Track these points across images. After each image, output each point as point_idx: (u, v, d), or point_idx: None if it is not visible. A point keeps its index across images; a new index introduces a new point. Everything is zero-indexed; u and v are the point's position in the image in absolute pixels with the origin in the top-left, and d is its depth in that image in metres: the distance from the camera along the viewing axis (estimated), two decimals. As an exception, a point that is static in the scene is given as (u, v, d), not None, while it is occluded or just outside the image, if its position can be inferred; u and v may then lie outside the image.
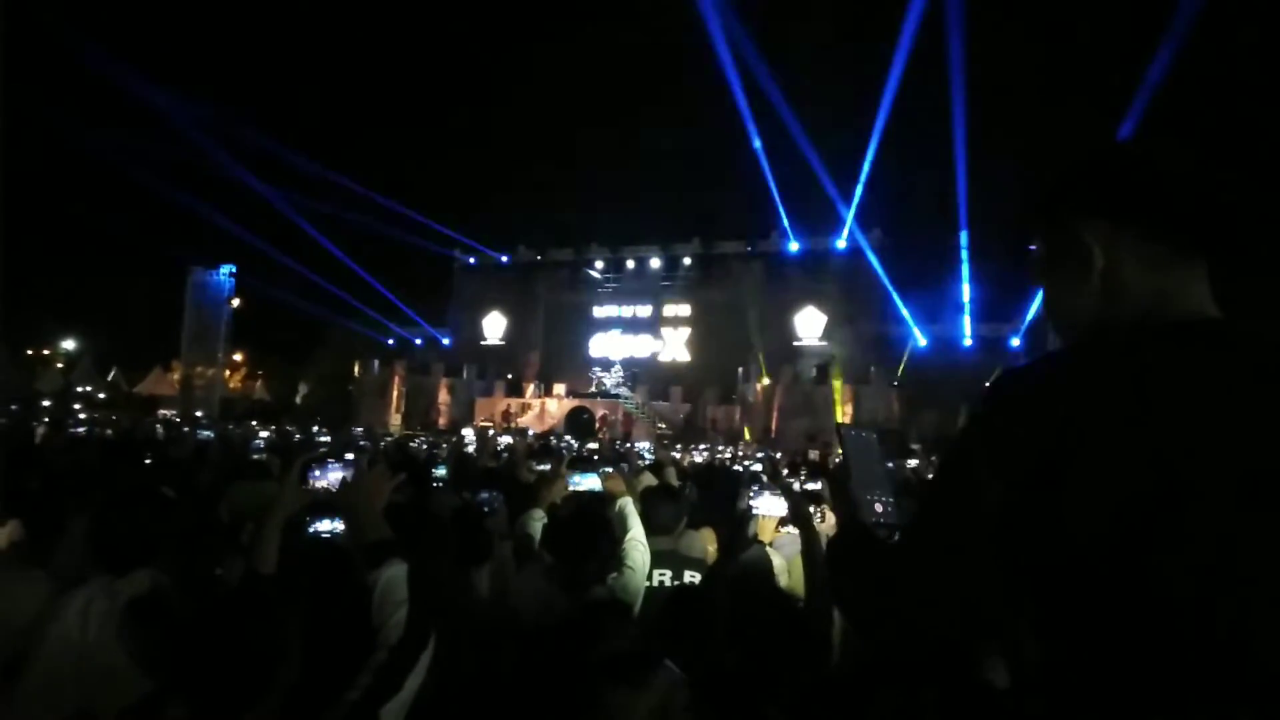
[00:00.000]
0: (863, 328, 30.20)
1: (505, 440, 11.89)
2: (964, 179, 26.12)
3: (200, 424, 15.16)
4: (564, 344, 35.32)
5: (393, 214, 34.19)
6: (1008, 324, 28.04)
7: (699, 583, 2.99)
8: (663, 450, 13.56)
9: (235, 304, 33.90)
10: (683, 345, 34.46)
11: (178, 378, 34.32)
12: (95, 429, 10.80)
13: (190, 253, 32.61)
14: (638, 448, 14.39)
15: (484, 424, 26.69)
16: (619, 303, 35.39)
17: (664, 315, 34.71)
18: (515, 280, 36.84)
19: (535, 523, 3.24)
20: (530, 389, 32.41)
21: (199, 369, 33.41)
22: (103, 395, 32.32)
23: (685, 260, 34.33)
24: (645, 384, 31.20)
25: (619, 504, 3.07)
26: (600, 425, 28.02)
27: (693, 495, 5.21)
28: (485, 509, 3.54)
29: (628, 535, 2.94)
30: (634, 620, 2.49)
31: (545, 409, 30.60)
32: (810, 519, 3.07)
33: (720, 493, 5.59)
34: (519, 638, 2.31)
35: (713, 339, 32.83)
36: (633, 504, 3.08)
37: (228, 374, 37.10)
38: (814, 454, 12.98)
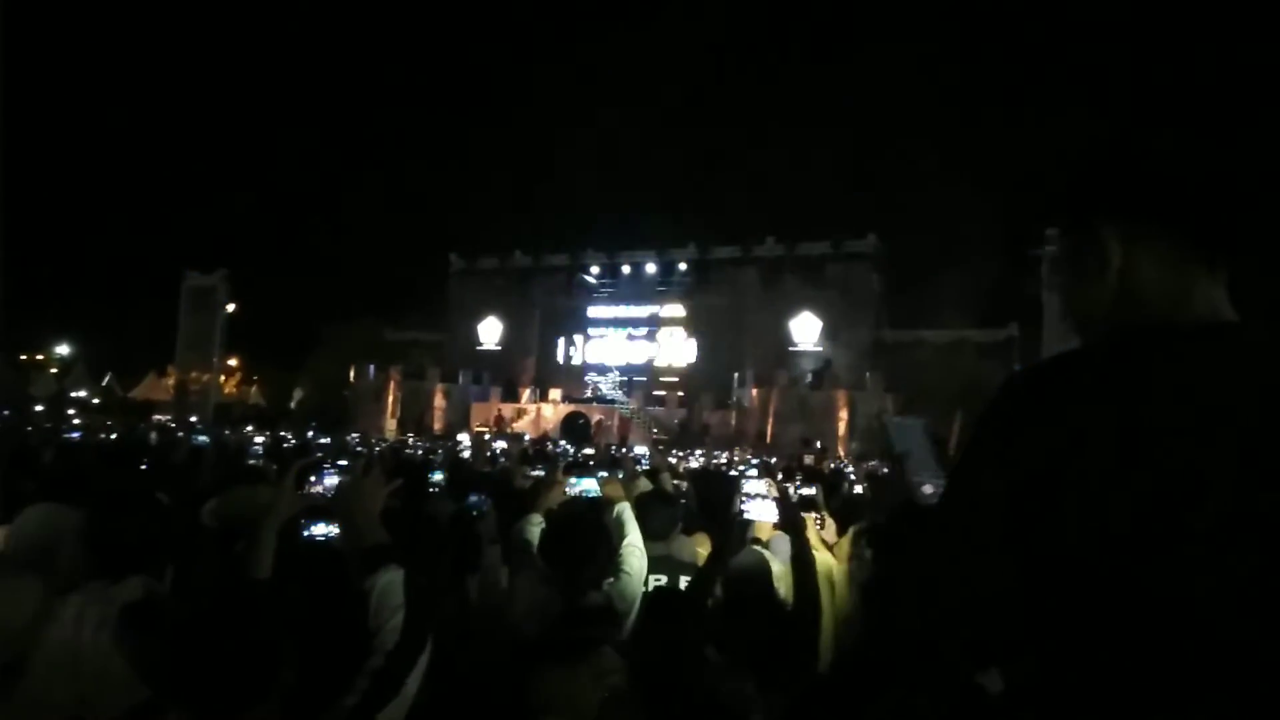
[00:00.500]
0: (859, 333, 30.26)
1: (501, 445, 11.85)
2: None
3: (195, 429, 15.10)
4: (560, 349, 35.30)
5: (389, 219, 34.20)
6: (1004, 328, 28.12)
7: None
8: (659, 455, 13.53)
9: (230, 309, 33.82)
10: (678, 350, 34.46)
11: (172, 383, 34.21)
12: (89, 435, 10.75)
13: (185, 257, 32.57)
14: (634, 453, 14.36)
15: (480, 429, 26.64)
16: (615, 308, 35.38)
17: (660, 320, 34.71)
18: (511, 285, 36.80)
19: (533, 528, 3.23)
20: (526, 394, 32.36)
21: (193, 374, 33.31)
22: (97, 400, 32.20)
23: (681, 265, 34.34)
24: (641, 389, 31.19)
25: (616, 509, 3.07)
26: (596, 430, 27.99)
27: (692, 500, 5.19)
28: (474, 513, 3.53)
29: (625, 541, 2.93)
30: (624, 626, 2.49)
31: (541, 414, 30.56)
32: (802, 525, 3.07)
33: (716, 497, 5.58)
34: (513, 644, 2.31)
35: (708, 344, 32.85)
36: (630, 509, 3.08)
37: (222, 379, 36.96)
38: (808, 459, 12.98)
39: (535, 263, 36.62)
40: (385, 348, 35.46)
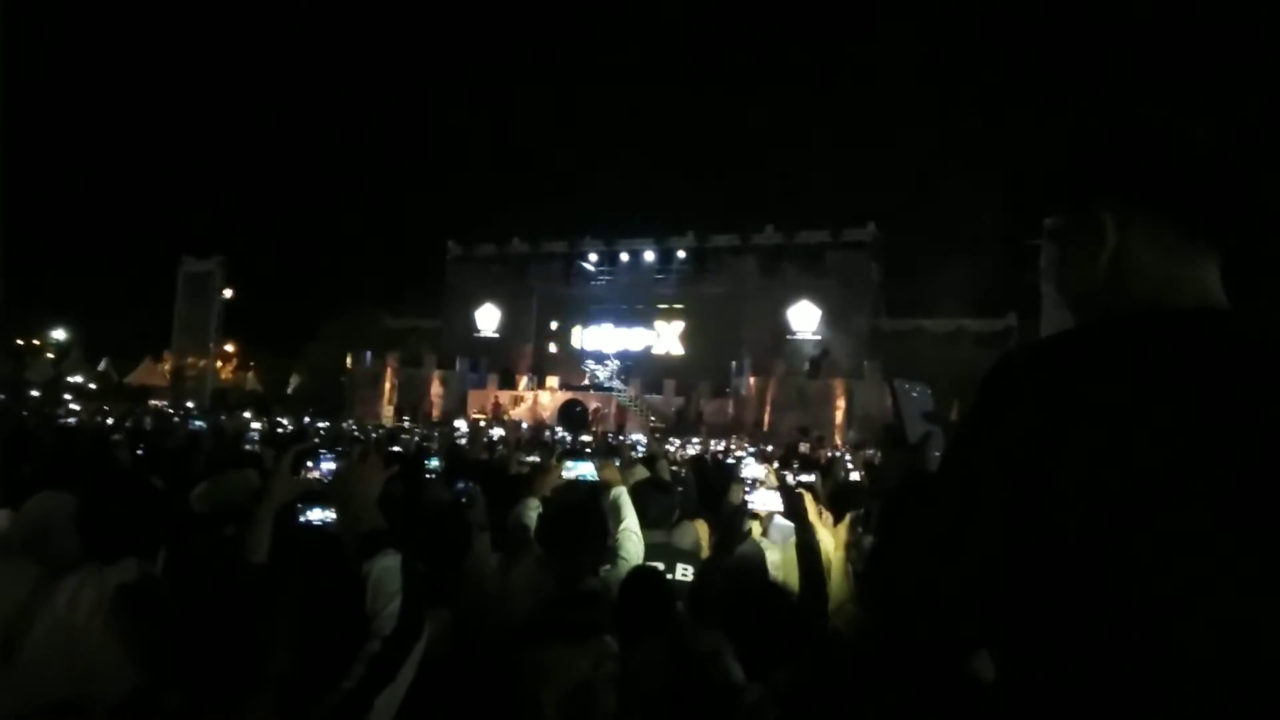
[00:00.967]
0: (857, 322, 30.27)
1: (498, 432, 11.87)
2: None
3: (192, 414, 15.11)
4: (557, 337, 35.26)
5: (387, 206, 34.10)
6: (1002, 318, 28.14)
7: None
8: (656, 443, 13.57)
9: (227, 294, 33.74)
10: (676, 338, 34.43)
11: (169, 368, 34.16)
12: (83, 418, 10.74)
13: (182, 243, 32.46)
14: (630, 440, 14.40)
15: (477, 416, 26.66)
16: (613, 295, 35.33)
17: (658, 308, 34.67)
18: (509, 272, 36.72)
19: (531, 512, 3.24)
20: (523, 381, 32.36)
21: (190, 360, 33.26)
22: (93, 385, 32.16)
23: (679, 253, 34.26)
24: (638, 377, 31.18)
25: (613, 494, 3.07)
26: (593, 418, 28.01)
27: (691, 487, 5.21)
28: (463, 499, 3.53)
29: (621, 526, 2.94)
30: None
31: (538, 401, 30.57)
32: (805, 514, 3.08)
33: (713, 484, 5.60)
34: (510, 627, 2.31)
35: (706, 332, 32.82)
36: (627, 494, 3.08)
37: (219, 365, 36.91)
38: (805, 447, 13.01)
39: (533, 250, 36.49)
40: (382, 334, 35.42)
